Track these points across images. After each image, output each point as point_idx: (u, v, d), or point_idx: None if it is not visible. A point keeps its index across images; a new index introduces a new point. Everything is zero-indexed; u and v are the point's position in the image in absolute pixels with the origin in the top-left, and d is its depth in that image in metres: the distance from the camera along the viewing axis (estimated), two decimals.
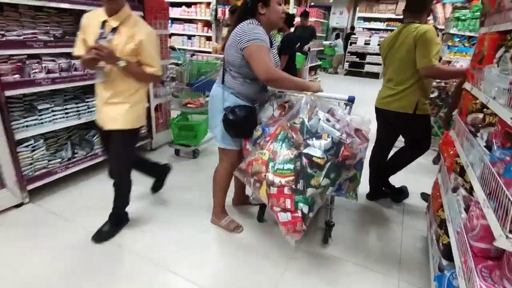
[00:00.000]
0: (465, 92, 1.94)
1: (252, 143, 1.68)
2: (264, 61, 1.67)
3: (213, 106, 1.95)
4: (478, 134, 1.48)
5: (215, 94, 1.94)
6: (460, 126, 1.81)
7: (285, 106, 1.74)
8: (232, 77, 1.87)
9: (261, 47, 1.68)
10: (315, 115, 1.52)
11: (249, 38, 1.69)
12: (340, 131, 1.45)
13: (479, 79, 1.63)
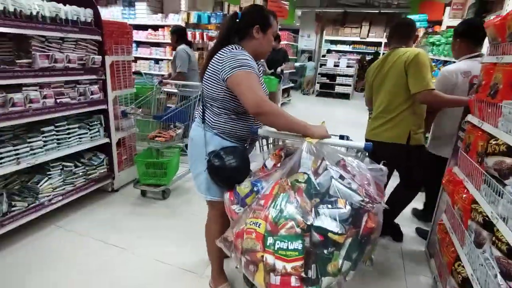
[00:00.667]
0: (471, 126, 1.76)
1: (240, 202, 1.31)
2: (254, 91, 1.37)
3: (194, 151, 1.63)
4: (507, 181, 1.26)
5: (195, 136, 1.62)
6: (471, 167, 1.61)
7: (280, 156, 1.41)
8: (214, 114, 1.56)
9: (250, 74, 1.40)
10: (324, 170, 1.21)
11: (234, 65, 1.40)
12: (359, 191, 1.14)
13: (494, 115, 1.44)
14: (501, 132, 1.35)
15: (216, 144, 1.55)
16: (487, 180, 1.40)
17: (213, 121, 1.56)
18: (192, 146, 1.65)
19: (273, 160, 1.42)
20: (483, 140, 1.55)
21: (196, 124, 1.66)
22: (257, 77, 1.43)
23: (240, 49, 1.47)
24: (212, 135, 1.56)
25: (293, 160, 1.27)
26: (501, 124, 1.37)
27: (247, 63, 1.41)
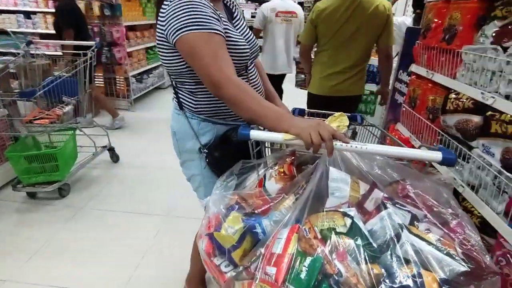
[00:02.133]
0: (416, 78, 1.57)
1: (228, 259, 0.80)
2: (208, 64, 0.94)
3: (181, 147, 1.21)
4: (474, 143, 1.08)
5: (178, 128, 1.18)
6: (421, 124, 1.44)
7: (292, 173, 0.89)
8: (190, 93, 1.12)
9: (201, 37, 0.95)
10: (377, 205, 0.75)
11: (177, 25, 0.95)
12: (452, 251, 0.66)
13: (450, 63, 1.23)
14: (462, 85, 1.15)
15: (210, 134, 1.13)
16: (446, 141, 1.23)
17: (193, 104, 1.12)
18: (177, 141, 1.21)
19: (279, 182, 0.89)
20: (434, 93, 1.37)
21: (174, 112, 1.21)
22: (214, 37, 0.96)
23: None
24: (199, 122, 1.13)
25: (314, 182, 0.79)
26: (461, 75, 1.17)
27: (196, 18, 0.94)
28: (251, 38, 1.17)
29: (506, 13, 0.99)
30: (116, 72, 4.27)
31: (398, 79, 2.00)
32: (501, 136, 0.95)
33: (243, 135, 0.89)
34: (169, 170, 2.80)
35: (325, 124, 0.84)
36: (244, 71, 1.14)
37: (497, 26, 1.01)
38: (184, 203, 2.31)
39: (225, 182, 0.98)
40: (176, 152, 1.26)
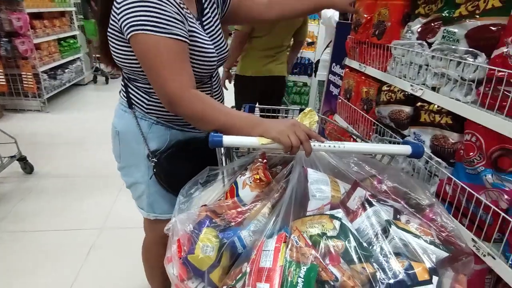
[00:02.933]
0: (349, 70, 1.65)
1: (205, 281, 0.69)
2: (163, 76, 0.83)
3: (124, 149, 1.06)
4: (405, 132, 1.17)
5: (124, 128, 1.03)
6: (357, 115, 1.52)
7: (268, 178, 0.82)
8: (144, 91, 0.98)
9: (158, 41, 0.81)
10: (361, 202, 0.74)
11: (132, 19, 0.81)
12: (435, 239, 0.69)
13: (381, 57, 1.31)
14: (393, 77, 1.23)
15: (161, 139, 1.00)
16: (381, 130, 1.32)
17: (145, 103, 0.98)
18: (120, 142, 1.05)
19: (255, 189, 0.81)
20: (368, 85, 1.45)
21: (120, 108, 1.04)
22: (173, 44, 0.82)
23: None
24: (150, 124, 0.99)
25: (293, 186, 0.75)
26: (392, 68, 1.26)
27: (155, 17, 0.80)
28: (220, 43, 1.02)
29: (428, 11, 1.07)
30: (22, 67, 3.65)
31: (332, 71, 2.09)
32: (429, 125, 1.04)
33: (215, 142, 0.81)
34: (99, 178, 2.54)
35: (299, 123, 0.81)
36: (208, 79, 1.02)
37: (422, 22, 1.09)
38: (121, 212, 2.09)
39: (189, 194, 0.88)
40: (115, 154, 1.10)
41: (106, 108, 4.18)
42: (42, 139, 3.18)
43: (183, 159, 0.99)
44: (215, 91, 1.06)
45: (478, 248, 0.83)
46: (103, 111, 3.77)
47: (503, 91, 0.77)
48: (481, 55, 0.84)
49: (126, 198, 1.16)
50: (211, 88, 1.05)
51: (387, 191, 0.84)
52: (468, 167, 0.87)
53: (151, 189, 1.05)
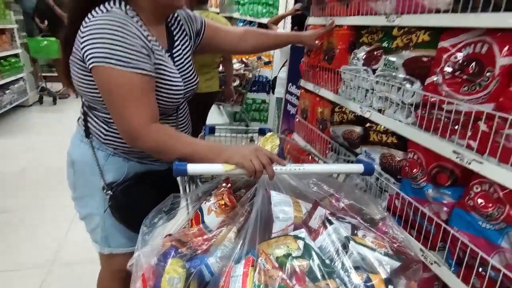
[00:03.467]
0: (304, 91, 1.74)
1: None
2: (124, 112, 0.83)
3: (79, 180, 1.02)
4: (358, 150, 1.25)
5: (79, 158, 1.00)
6: (314, 134, 1.59)
7: (233, 203, 0.83)
8: (103, 121, 0.94)
9: (122, 77, 0.80)
10: (322, 221, 0.77)
11: (99, 50, 0.79)
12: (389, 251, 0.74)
13: (332, 81, 1.41)
14: (344, 100, 1.32)
15: (118, 172, 0.97)
16: (336, 149, 1.39)
17: (103, 133, 0.95)
18: (75, 173, 1.01)
19: (220, 215, 0.81)
20: (322, 106, 1.54)
21: (77, 137, 1.01)
22: (137, 79, 0.81)
23: (120, 14, 0.81)
24: (107, 155, 0.96)
25: (257, 209, 0.76)
26: (342, 91, 1.35)
27: (119, 51, 0.78)
28: (189, 76, 1.01)
29: (371, 40, 1.18)
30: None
31: (289, 91, 2.18)
32: (378, 144, 1.13)
33: (180, 171, 0.81)
34: (48, 209, 2.33)
35: (261, 149, 0.85)
36: (174, 111, 1.01)
37: (366, 50, 1.20)
38: (73, 245, 1.94)
39: (152, 224, 0.85)
40: (69, 183, 1.04)
41: (54, 131, 3.90)
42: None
43: (141, 192, 0.97)
44: (181, 123, 1.06)
45: (426, 257, 0.91)
46: (50, 135, 3.51)
47: (436, 114, 0.87)
48: (417, 82, 0.94)
49: (80, 230, 1.09)
50: (176, 120, 1.04)
51: (344, 208, 0.89)
52: (413, 183, 0.96)
53: (106, 222, 1.00)
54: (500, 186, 0.71)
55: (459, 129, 0.80)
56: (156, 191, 0.96)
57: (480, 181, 0.76)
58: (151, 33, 0.89)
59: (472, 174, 0.78)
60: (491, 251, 0.73)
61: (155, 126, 0.84)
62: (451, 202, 0.86)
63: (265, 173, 0.84)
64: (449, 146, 0.82)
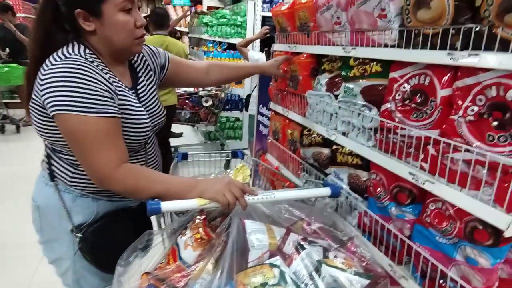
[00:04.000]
0: (275, 113, 1.80)
1: None
2: (90, 153, 0.84)
3: (45, 224, 1.00)
4: (327, 170, 1.32)
5: (44, 203, 0.98)
6: (286, 155, 1.65)
7: (209, 236, 0.85)
8: (67, 162, 0.94)
9: (86, 123, 0.81)
10: (295, 247, 0.81)
11: (61, 97, 0.79)
12: (357, 268, 0.80)
13: (300, 104, 1.48)
14: (312, 123, 1.39)
15: (89, 209, 0.96)
16: (307, 169, 1.45)
17: (69, 176, 0.93)
18: (41, 218, 0.99)
19: (197, 249, 0.83)
20: (292, 128, 1.60)
21: (41, 181, 0.99)
22: (102, 122, 0.82)
23: (79, 59, 0.83)
24: (74, 197, 0.95)
25: (233, 239, 0.79)
26: (309, 114, 1.42)
27: (82, 97, 0.79)
28: (155, 111, 1.03)
29: (331, 68, 1.27)
30: None
31: (260, 112, 2.24)
32: (344, 165, 1.20)
33: (153, 210, 0.83)
34: (13, 248, 2.20)
35: (233, 181, 0.89)
36: (142, 148, 1.02)
37: (327, 77, 1.28)
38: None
39: (128, 262, 0.85)
40: (35, 227, 1.02)
41: (19, 162, 3.72)
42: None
43: (113, 232, 0.96)
44: (150, 159, 1.07)
45: (395, 272, 0.96)
46: (15, 166, 3.34)
47: (392, 138, 0.94)
48: (374, 109, 1.02)
49: (49, 271, 1.05)
50: (145, 156, 1.05)
51: (316, 231, 0.94)
52: (378, 202, 1.03)
53: (77, 265, 0.98)
54: (450, 204, 0.78)
55: (412, 152, 0.88)
56: (129, 228, 0.96)
57: (434, 199, 0.83)
58: (113, 74, 0.91)
59: (427, 192, 0.85)
60: (448, 264, 0.80)
61: (125, 168, 0.85)
62: (412, 219, 0.93)
63: (238, 204, 0.88)
64: (405, 168, 0.89)
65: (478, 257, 0.73)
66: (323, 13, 1.17)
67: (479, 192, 0.71)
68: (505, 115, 0.66)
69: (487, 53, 0.67)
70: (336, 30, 1.15)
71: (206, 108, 3.49)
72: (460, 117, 0.74)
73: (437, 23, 0.76)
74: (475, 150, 0.70)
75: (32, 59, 0.89)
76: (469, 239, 0.74)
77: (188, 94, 3.42)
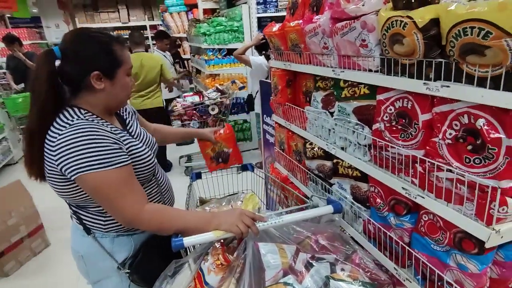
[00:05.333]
0: (278, 125, 1.89)
1: None
2: (116, 202, 0.95)
3: (93, 268, 1.11)
4: (332, 181, 1.41)
5: (87, 251, 1.09)
6: (293, 165, 1.74)
7: (228, 261, 0.97)
8: (97, 213, 1.05)
9: (107, 176, 0.92)
10: (305, 265, 0.91)
11: (79, 161, 0.89)
12: (365, 278, 0.92)
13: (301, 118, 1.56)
14: (313, 136, 1.47)
15: (127, 245, 1.09)
16: (314, 179, 1.54)
17: (102, 224, 1.05)
18: (86, 264, 1.11)
19: (219, 273, 0.95)
20: (294, 140, 1.69)
21: (78, 234, 1.10)
22: (120, 172, 0.94)
23: (84, 120, 0.94)
24: (112, 239, 1.08)
25: (249, 261, 0.90)
26: (309, 128, 1.51)
27: (99, 155, 0.90)
28: (149, 140, 1.18)
29: (325, 86, 1.34)
30: None
31: (265, 122, 2.33)
32: (346, 176, 1.28)
33: (178, 246, 0.96)
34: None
35: (244, 211, 1.00)
36: (152, 176, 1.14)
37: (322, 95, 1.35)
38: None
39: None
40: (82, 273, 1.16)
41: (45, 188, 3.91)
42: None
43: (153, 257, 1.09)
44: (161, 184, 1.19)
45: (399, 275, 1.06)
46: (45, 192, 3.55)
47: (385, 155, 1.03)
48: (366, 127, 1.10)
49: None
50: (157, 182, 1.17)
51: (323, 247, 1.05)
52: (378, 212, 1.12)
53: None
54: (439, 217, 0.86)
55: (403, 168, 0.96)
56: (164, 249, 1.07)
57: (426, 211, 0.92)
58: (111, 124, 1.03)
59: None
60: (444, 269, 0.88)
61: (149, 209, 0.97)
62: (410, 227, 1.01)
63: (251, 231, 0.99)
64: (399, 183, 0.98)
65: (467, 263, 0.81)
66: (311, 38, 1.25)
67: (462, 207, 0.79)
68: (477, 141, 0.73)
69: (457, 85, 0.74)
70: (325, 53, 1.22)
71: (214, 116, 3.60)
72: (440, 139, 0.82)
73: (411, 56, 0.83)
74: (455, 170, 0.78)
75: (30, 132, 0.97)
76: (458, 248, 0.83)
77: (195, 104, 3.53)
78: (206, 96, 3.54)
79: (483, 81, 0.69)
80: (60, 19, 10.33)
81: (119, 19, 10.90)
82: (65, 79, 0.99)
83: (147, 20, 10.65)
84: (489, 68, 0.67)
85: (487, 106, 0.69)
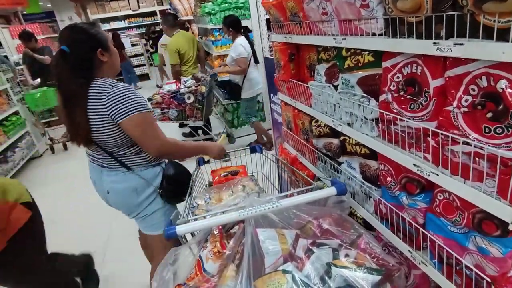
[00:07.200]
0: (284, 104, 1.79)
1: None
2: (152, 136, 1.31)
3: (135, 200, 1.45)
4: (340, 159, 1.31)
5: (128, 187, 1.42)
6: (301, 145, 1.66)
7: (222, 250, 0.97)
8: (137, 152, 1.40)
9: (145, 115, 1.28)
10: (305, 252, 0.87)
11: (126, 107, 1.23)
12: (370, 263, 0.85)
13: (305, 94, 1.46)
14: (318, 113, 1.37)
15: (160, 172, 1.49)
16: (322, 158, 1.46)
17: (144, 159, 1.42)
18: (138, 195, 1.44)
19: (217, 260, 0.95)
20: (301, 118, 1.59)
21: (120, 175, 1.41)
22: (151, 114, 1.32)
23: (112, 82, 1.28)
24: (150, 171, 1.45)
25: (248, 247, 0.88)
26: (314, 104, 1.40)
27: (138, 101, 1.26)
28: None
29: (327, 57, 1.23)
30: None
31: (272, 101, 2.23)
32: (354, 154, 1.19)
33: (171, 235, 0.98)
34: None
35: (222, 147, 1.58)
36: None
37: (325, 67, 1.24)
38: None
39: (162, 277, 0.99)
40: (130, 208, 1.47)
41: (73, 178, 4.00)
42: None
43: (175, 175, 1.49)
44: None
45: (414, 258, 0.98)
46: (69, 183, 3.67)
47: (393, 129, 0.92)
48: (372, 100, 0.99)
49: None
50: None
51: (326, 230, 0.98)
52: (389, 191, 1.02)
53: (166, 208, 1.50)
54: (456, 195, 0.77)
55: (414, 143, 0.86)
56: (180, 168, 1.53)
57: (441, 189, 0.82)
58: None
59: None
60: (462, 252, 0.79)
61: (170, 140, 1.36)
62: (424, 207, 0.92)
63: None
64: (410, 159, 0.87)
65: (489, 247, 0.72)
66: (309, 4, 1.13)
67: (482, 184, 0.69)
68: (498, 106, 0.62)
69: (472, 42, 0.62)
70: (325, 20, 1.10)
71: (190, 104, 3.48)
72: (455, 108, 0.71)
73: (418, 12, 0.71)
74: (473, 142, 0.67)
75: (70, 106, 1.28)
76: (478, 230, 0.73)
77: (172, 92, 3.43)
78: (183, 84, 3.42)
79: (504, 34, 0.57)
80: (72, 11, 10.41)
81: (129, 7, 10.85)
82: (79, 65, 1.24)
83: (157, 5, 10.51)
84: (511, 16, 0.55)
85: (509, 64, 0.58)
